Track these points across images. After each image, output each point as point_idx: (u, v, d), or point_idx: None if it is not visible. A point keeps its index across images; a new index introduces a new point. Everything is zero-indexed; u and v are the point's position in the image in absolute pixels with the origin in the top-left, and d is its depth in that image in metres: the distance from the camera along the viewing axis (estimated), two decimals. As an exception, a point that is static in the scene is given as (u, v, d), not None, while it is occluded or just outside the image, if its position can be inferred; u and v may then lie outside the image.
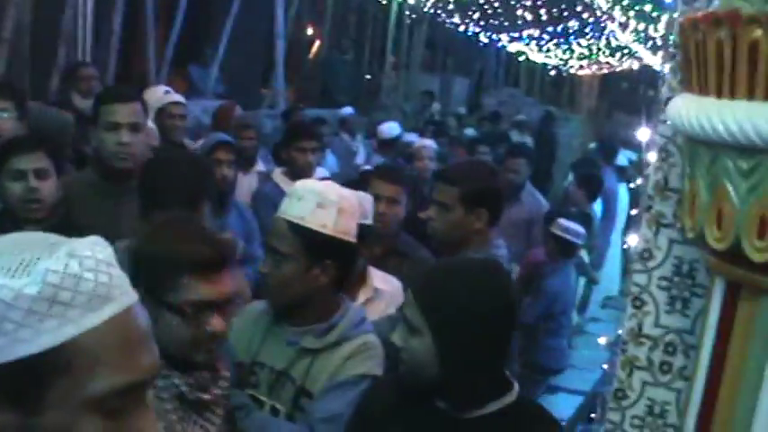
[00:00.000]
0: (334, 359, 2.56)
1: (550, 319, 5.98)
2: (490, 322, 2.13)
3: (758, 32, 1.49)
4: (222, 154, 4.60)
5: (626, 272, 9.90)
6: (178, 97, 5.90)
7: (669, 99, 2.03)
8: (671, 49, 2.13)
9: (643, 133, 2.56)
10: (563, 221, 6.13)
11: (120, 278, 1.17)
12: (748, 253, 1.56)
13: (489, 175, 3.56)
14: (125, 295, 1.17)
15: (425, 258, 3.74)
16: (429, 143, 7.50)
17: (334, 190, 2.71)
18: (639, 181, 4.31)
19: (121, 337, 1.14)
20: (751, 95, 1.53)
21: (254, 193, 5.21)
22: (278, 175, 5.18)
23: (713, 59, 1.58)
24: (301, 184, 2.70)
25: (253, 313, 2.72)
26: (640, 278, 2.12)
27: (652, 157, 2.86)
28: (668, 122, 2.01)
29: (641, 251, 2.13)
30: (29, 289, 1.08)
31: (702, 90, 1.64)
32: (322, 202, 2.59)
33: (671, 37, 2.53)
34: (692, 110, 1.64)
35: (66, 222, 3.16)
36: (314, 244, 2.55)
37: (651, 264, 2.11)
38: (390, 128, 8.71)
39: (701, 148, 1.65)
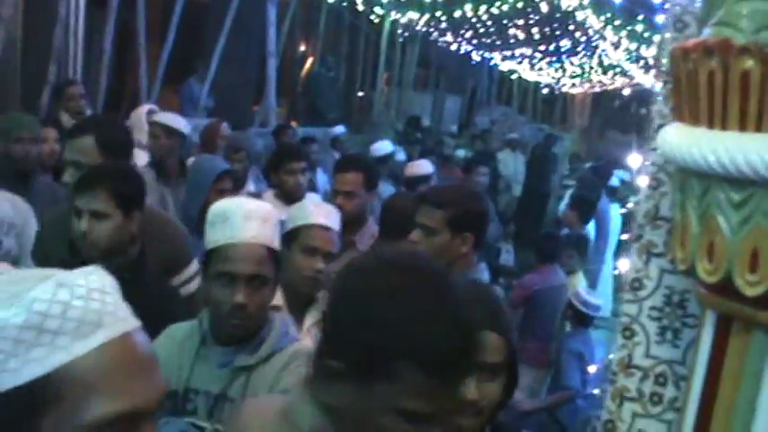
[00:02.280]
0: (269, 372, 2.57)
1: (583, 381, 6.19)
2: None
3: (749, 63, 1.47)
4: (227, 183, 4.71)
5: (618, 294, 9.93)
6: (157, 116, 5.89)
7: (660, 126, 2.01)
8: (663, 76, 2.11)
9: (635, 159, 2.54)
10: (582, 294, 6.43)
11: (116, 305, 1.16)
12: (740, 287, 1.53)
13: (475, 199, 3.53)
14: (121, 322, 1.15)
15: None
16: (425, 165, 7.44)
17: (264, 205, 2.82)
18: (631, 205, 4.30)
19: (116, 364, 1.13)
20: (743, 127, 1.50)
21: None
22: (270, 197, 5.17)
23: (705, 89, 1.55)
24: (236, 205, 2.70)
25: (177, 338, 2.69)
26: (631, 308, 2.09)
27: (643, 182, 2.84)
28: (659, 151, 1.98)
29: (632, 281, 2.10)
30: (15, 318, 1.07)
31: (694, 120, 1.61)
32: (266, 217, 2.67)
33: (663, 60, 2.51)
34: (683, 140, 1.61)
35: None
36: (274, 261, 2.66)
37: (642, 293, 2.08)
38: (383, 146, 8.71)
39: (692, 178, 1.63)
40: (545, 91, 29.17)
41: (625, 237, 4.23)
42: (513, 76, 25.57)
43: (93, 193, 3.08)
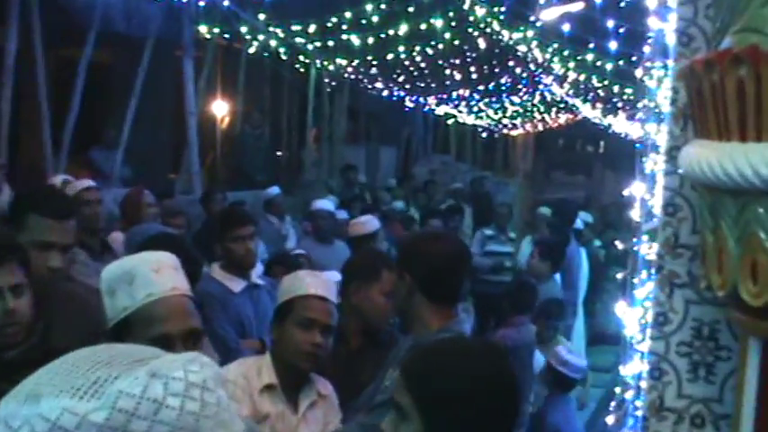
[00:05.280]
0: None
1: None
2: (481, 406, 2.15)
3: (783, 68, 1.54)
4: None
5: (591, 344, 9.99)
6: (89, 181, 5.88)
7: (673, 148, 2.08)
8: (665, 94, 2.18)
9: (637, 188, 2.61)
10: (562, 353, 6.28)
11: (219, 405, 1.05)
12: (792, 307, 1.58)
13: (418, 240, 3.57)
14: (222, 428, 1.04)
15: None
16: (370, 222, 7.47)
17: (164, 253, 2.76)
18: (620, 244, 4.34)
19: None
20: (780, 135, 1.56)
21: (197, 294, 5.10)
22: (217, 271, 5.09)
23: (734, 101, 1.61)
24: (136, 261, 2.64)
25: None
26: (657, 345, 2.13)
27: (636, 213, 2.91)
28: (677, 173, 2.04)
29: (655, 315, 2.14)
30: (95, 415, 0.97)
31: (723, 134, 1.66)
32: (175, 265, 2.66)
33: (650, 81, 2.60)
34: (712, 157, 1.66)
35: (46, 343, 3.01)
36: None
37: (667, 329, 2.12)
38: (319, 202, 8.71)
39: (725, 197, 1.68)
40: (484, 135, 29.55)
41: (620, 276, 4.31)
42: (450, 122, 25.87)
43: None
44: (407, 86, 18.57)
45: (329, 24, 12.87)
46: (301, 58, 15.22)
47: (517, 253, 10.79)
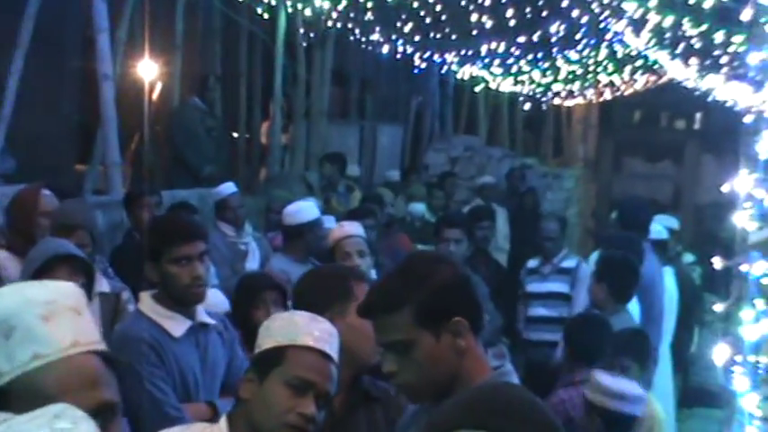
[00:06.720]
0: None
1: None
2: None
3: None
4: (63, 275, 4.63)
5: (684, 406, 9.96)
6: None
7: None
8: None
9: (744, 181, 2.60)
10: (603, 379, 5.91)
11: None
12: None
13: (442, 265, 3.46)
14: None
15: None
16: (354, 229, 7.46)
17: (65, 286, 2.65)
18: (721, 261, 4.36)
19: None
20: None
21: (119, 338, 5.04)
22: (149, 305, 5.06)
23: None
24: (18, 302, 2.44)
25: None
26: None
27: (742, 217, 2.90)
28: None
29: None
30: None
31: None
32: (77, 307, 2.51)
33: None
34: None
35: None
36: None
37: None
38: (302, 209, 8.55)
39: None
40: (527, 107, 29.54)
41: (719, 307, 4.30)
42: (478, 89, 25.85)
43: None
44: (417, 39, 18.55)
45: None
46: (265, -1, 15.21)
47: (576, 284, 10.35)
